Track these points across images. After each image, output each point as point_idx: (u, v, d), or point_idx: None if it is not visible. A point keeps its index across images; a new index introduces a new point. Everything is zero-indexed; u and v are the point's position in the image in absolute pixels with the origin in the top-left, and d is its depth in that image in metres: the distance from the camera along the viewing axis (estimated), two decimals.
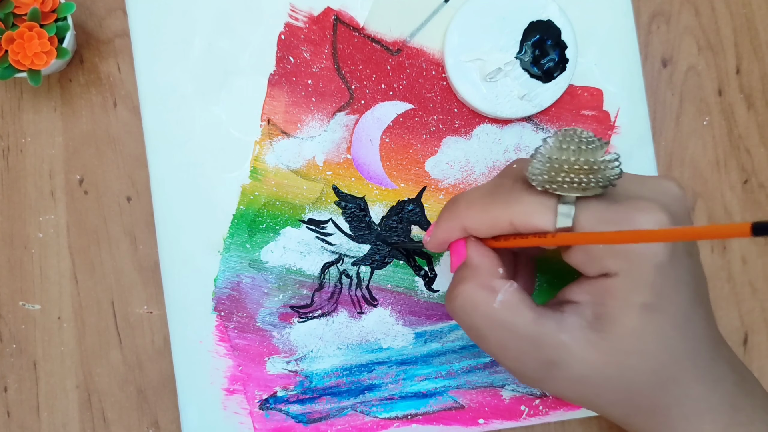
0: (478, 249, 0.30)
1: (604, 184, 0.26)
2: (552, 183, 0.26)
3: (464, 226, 0.29)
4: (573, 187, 0.26)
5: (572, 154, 0.26)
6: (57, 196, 0.39)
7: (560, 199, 0.26)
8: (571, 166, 0.26)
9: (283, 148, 0.38)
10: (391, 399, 0.38)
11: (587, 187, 0.26)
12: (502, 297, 0.28)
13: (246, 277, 0.38)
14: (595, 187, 0.26)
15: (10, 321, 0.39)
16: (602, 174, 0.26)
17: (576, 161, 0.26)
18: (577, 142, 0.26)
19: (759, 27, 0.42)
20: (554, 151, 0.26)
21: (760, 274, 0.41)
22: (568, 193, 0.26)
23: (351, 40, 0.38)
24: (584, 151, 0.26)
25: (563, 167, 0.26)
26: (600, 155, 0.26)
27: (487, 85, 0.37)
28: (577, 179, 0.26)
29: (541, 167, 0.26)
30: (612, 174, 0.26)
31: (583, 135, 0.26)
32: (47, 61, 0.35)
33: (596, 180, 0.26)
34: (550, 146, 0.26)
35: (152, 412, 0.39)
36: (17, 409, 0.39)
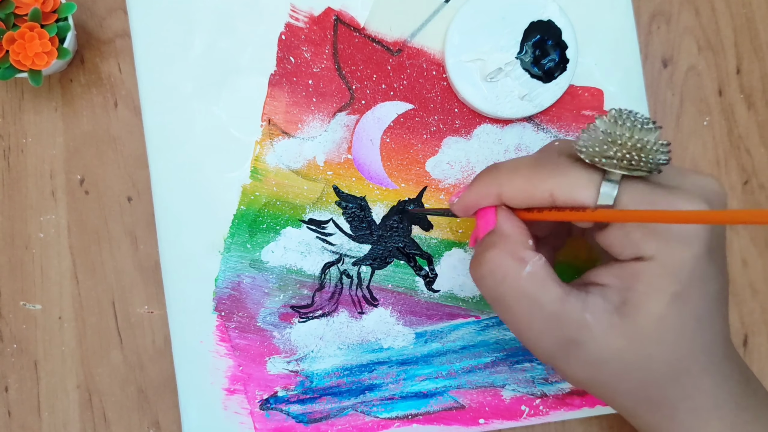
0: (510, 218, 0.29)
1: (652, 168, 0.26)
2: (602, 156, 0.26)
3: (500, 193, 0.29)
4: (621, 165, 0.26)
5: (626, 131, 0.26)
6: (58, 196, 0.39)
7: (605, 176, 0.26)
8: (623, 142, 0.26)
9: (283, 148, 0.38)
10: (392, 399, 0.38)
11: (635, 167, 0.26)
12: (530, 268, 0.27)
13: (247, 277, 0.38)
14: (643, 168, 0.26)
15: (10, 321, 0.39)
16: (652, 156, 0.26)
17: (630, 138, 0.26)
18: (633, 121, 0.26)
19: (759, 27, 0.42)
20: (608, 125, 0.26)
21: (760, 275, 0.41)
22: (615, 170, 0.26)
23: (352, 41, 0.38)
24: (639, 129, 0.26)
25: (616, 141, 0.26)
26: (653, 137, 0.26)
27: (487, 86, 0.37)
28: (628, 155, 0.25)
29: (591, 138, 0.26)
30: (661, 158, 0.26)
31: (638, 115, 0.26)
32: (48, 62, 0.35)
33: (646, 160, 0.26)
34: (603, 121, 0.26)
35: (153, 412, 0.39)
36: (18, 409, 0.39)
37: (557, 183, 0.27)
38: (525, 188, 0.28)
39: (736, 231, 0.42)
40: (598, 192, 0.26)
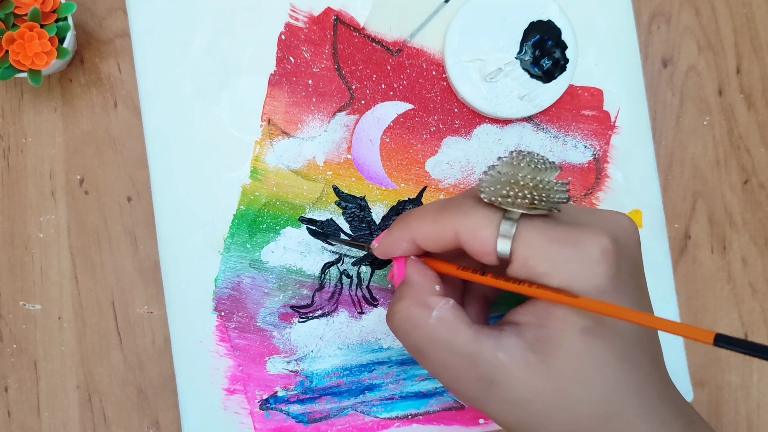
0: (416, 266, 0.30)
1: (549, 206, 0.27)
2: (498, 196, 0.27)
3: (413, 237, 0.30)
4: (517, 203, 0.26)
5: (522, 170, 0.27)
6: (57, 196, 0.39)
7: (505, 215, 0.27)
8: (518, 182, 0.27)
9: (283, 148, 0.38)
10: (392, 399, 0.38)
11: (532, 206, 0.26)
12: (437, 313, 0.28)
13: (246, 277, 0.38)
14: (541, 206, 0.26)
15: (10, 321, 0.39)
16: (549, 195, 0.26)
17: (524, 177, 0.27)
18: (529, 161, 0.27)
19: (759, 27, 0.42)
20: (506, 166, 0.27)
21: (760, 274, 0.42)
22: (513, 209, 0.27)
23: (351, 41, 0.38)
24: (534, 169, 0.27)
25: (511, 181, 0.27)
26: (549, 176, 0.27)
27: (487, 86, 0.37)
28: (522, 194, 0.26)
29: (490, 180, 0.27)
30: (558, 197, 0.27)
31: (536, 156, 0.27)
32: (48, 62, 0.35)
33: (541, 199, 0.26)
34: (502, 162, 0.27)
35: (153, 412, 0.39)
36: (18, 409, 0.39)
37: (460, 222, 0.28)
38: (432, 229, 0.29)
39: (736, 230, 0.42)
40: (498, 230, 0.27)
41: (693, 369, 0.41)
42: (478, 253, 0.27)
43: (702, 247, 0.41)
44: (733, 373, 0.41)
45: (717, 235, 0.42)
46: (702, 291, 0.41)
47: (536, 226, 0.27)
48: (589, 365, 0.26)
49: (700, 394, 0.41)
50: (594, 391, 0.26)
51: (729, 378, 0.41)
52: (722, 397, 0.41)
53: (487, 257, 0.27)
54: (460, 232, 0.28)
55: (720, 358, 0.41)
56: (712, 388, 0.41)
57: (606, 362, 0.26)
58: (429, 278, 0.30)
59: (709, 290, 0.41)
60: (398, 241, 0.31)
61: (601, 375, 0.26)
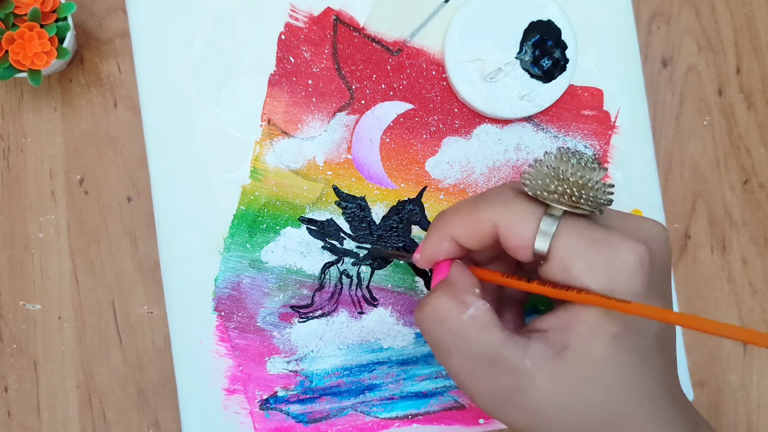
0: (459, 269, 0.30)
1: (593, 206, 0.26)
2: (544, 190, 0.26)
3: (451, 235, 0.29)
4: (563, 200, 0.26)
5: (571, 167, 0.26)
6: (57, 196, 0.39)
7: (547, 210, 0.26)
8: (566, 178, 0.26)
9: (283, 148, 0.38)
10: (392, 399, 0.38)
11: (576, 204, 0.26)
12: (473, 311, 0.28)
13: (246, 277, 0.38)
14: (585, 205, 0.26)
15: (10, 321, 0.39)
16: (594, 194, 0.26)
17: (573, 174, 0.26)
18: (578, 158, 0.26)
19: (759, 27, 0.42)
20: (554, 160, 0.27)
21: (760, 274, 0.42)
22: (557, 205, 0.26)
23: (351, 40, 0.38)
24: (583, 167, 0.26)
25: (560, 177, 0.26)
26: (596, 176, 0.26)
27: (487, 85, 0.37)
28: (570, 191, 0.26)
29: (535, 173, 0.27)
30: (604, 198, 0.26)
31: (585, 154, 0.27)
32: (47, 61, 0.35)
33: (587, 198, 0.26)
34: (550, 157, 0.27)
35: (153, 412, 0.39)
36: (18, 409, 0.39)
37: (499, 214, 0.27)
38: (470, 223, 0.28)
39: (736, 229, 0.42)
40: (538, 225, 0.26)
41: (693, 369, 0.41)
42: (514, 248, 0.27)
43: (702, 247, 0.41)
44: (733, 373, 0.41)
45: (717, 235, 0.42)
46: (702, 291, 0.41)
47: (577, 226, 0.26)
48: (613, 370, 0.26)
49: (700, 394, 0.41)
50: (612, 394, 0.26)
51: (729, 378, 0.41)
52: (722, 397, 0.41)
53: (523, 252, 0.27)
54: (499, 224, 0.27)
55: (720, 357, 0.41)
56: (712, 388, 0.41)
57: (626, 367, 0.26)
58: (470, 280, 0.29)
59: (709, 290, 0.41)
60: (438, 243, 0.30)
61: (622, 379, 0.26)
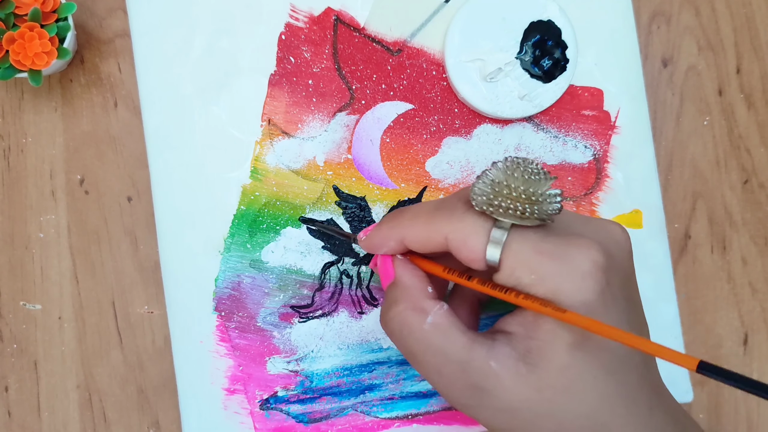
0: (406, 267, 0.30)
1: (541, 217, 0.26)
2: (490, 206, 0.26)
3: (402, 237, 0.29)
4: (509, 213, 0.26)
5: (515, 181, 0.26)
6: (58, 196, 0.39)
7: (495, 223, 0.27)
8: (511, 192, 0.26)
9: (283, 148, 0.38)
10: (392, 399, 0.38)
11: (524, 216, 0.26)
12: (432, 319, 0.28)
13: (247, 277, 0.38)
14: (531, 217, 0.26)
15: (10, 321, 0.39)
16: (540, 206, 0.26)
17: (516, 188, 0.26)
18: (522, 171, 0.27)
19: (759, 27, 0.42)
20: (499, 174, 0.27)
21: (760, 274, 0.42)
22: (504, 219, 0.26)
23: (351, 41, 0.38)
24: (527, 180, 0.26)
25: (503, 192, 0.26)
26: (542, 188, 0.26)
27: (487, 86, 0.37)
28: (513, 206, 0.26)
29: (483, 188, 0.27)
30: (550, 208, 0.26)
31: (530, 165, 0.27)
32: (48, 62, 0.35)
33: (533, 210, 0.26)
34: (496, 170, 0.27)
35: (153, 412, 0.39)
36: (18, 409, 0.39)
37: (451, 228, 0.27)
38: (423, 232, 0.28)
39: (736, 229, 0.42)
40: (488, 238, 0.26)
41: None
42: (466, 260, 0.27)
43: (702, 247, 0.41)
44: None
45: (717, 235, 0.42)
46: (702, 291, 0.41)
47: (526, 237, 0.26)
48: (577, 378, 0.26)
49: (700, 394, 0.41)
50: (582, 403, 0.26)
51: None
52: (722, 397, 0.41)
53: (476, 264, 0.27)
54: (451, 238, 0.27)
55: (720, 357, 0.41)
56: (712, 388, 0.41)
57: (593, 375, 0.26)
58: (420, 280, 0.30)
59: (709, 290, 0.41)
60: (387, 239, 0.30)
61: (588, 388, 0.26)
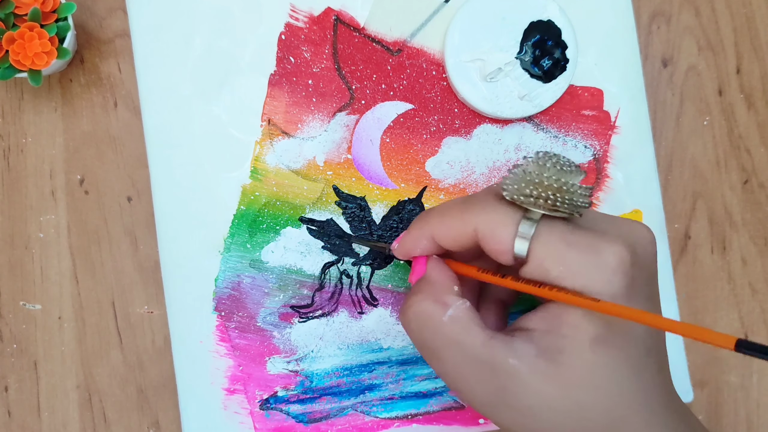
0: (437, 265, 0.30)
1: (571, 209, 0.26)
2: (521, 194, 0.26)
3: (432, 234, 0.29)
4: (540, 203, 0.26)
5: (547, 171, 0.26)
6: (58, 196, 0.39)
7: (525, 214, 0.27)
8: (542, 182, 0.26)
9: (283, 148, 0.38)
10: (392, 399, 0.38)
11: (554, 207, 0.26)
12: (452, 312, 0.28)
13: (246, 277, 0.38)
14: (563, 209, 0.26)
15: (10, 321, 0.39)
16: (571, 198, 0.26)
17: (548, 178, 0.26)
18: (554, 162, 0.27)
19: (759, 27, 0.42)
20: (531, 165, 0.27)
21: (760, 275, 0.42)
22: (534, 209, 0.26)
23: (351, 41, 0.38)
24: (559, 171, 0.26)
25: (535, 181, 0.26)
26: (574, 179, 0.26)
27: (487, 85, 0.37)
28: (545, 195, 0.26)
29: (514, 178, 0.27)
30: (581, 201, 0.26)
31: (562, 158, 0.27)
32: (48, 62, 0.35)
33: (563, 201, 0.26)
34: (528, 160, 0.27)
35: (153, 412, 0.39)
36: (18, 409, 0.39)
37: (480, 220, 0.27)
38: (452, 226, 0.29)
39: (736, 229, 0.42)
40: (516, 229, 0.26)
41: (693, 369, 0.41)
42: (494, 252, 0.27)
43: (702, 247, 0.41)
44: (733, 373, 0.41)
45: (717, 235, 0.42)
46: (702, 291, 0.41)
47: (555, 229, 0.26)
48: (599, 373, 0.26)
49: (700, 394, 0.41)
50: (603, 398, 0.26)
51: (729, 378, 0.41)
52: (722, 397, 0.41)
53: (504, 256, 0.27)
54: (479, 229, 0.27)
55: (720, 358, 0.41)
56: (712, 388, 0.41)
57: (615, 370, 0.26)
58: (448, 277, 0.30)
59: (709, 290, 0.41)
60: (418, 239, 0.30)
61: (610, 383, 0.26)
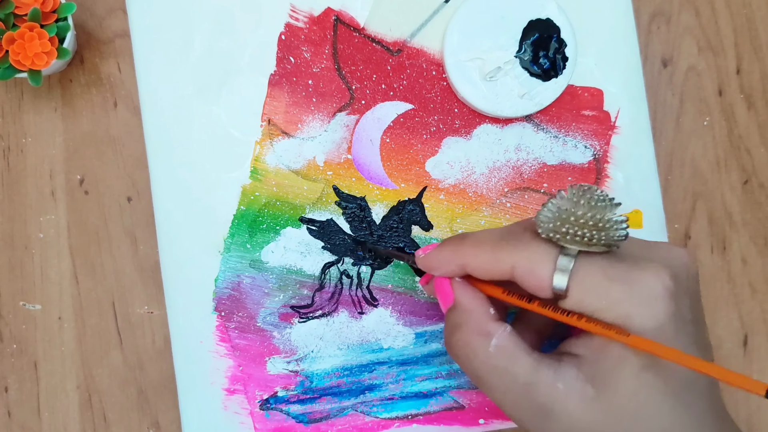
0: (466, 290, 0.30)
1: (608, 243, 0.26)
2: (557, 233, 0.26)
3: (464, 264, 0.29)
4: (576, 240, 0.26)
5: (581, 208, 0.26)
6: (57, 197, 0.39)
7: (562, 251, 0.27)
8: (578, 219, 0.26)
9: (283, 149, 0.38)
10: (392, 399, 0.38)
11: (591, 243, 0.26)
12: (496, 342, 0.28)
13: (246, 278, 0.38)
14: (598, 244, 0.26)
15: (10, 321, 0.39)
16: (608, 232, 0.26)
17: (584, 215, 0.26)
18: (589, 198, 0.27)
19: (759, 27, 0.42)
20: (565, 202, 0.27)
21: (760, 274, 0.41)
22: (571, 245, 0.26)
23: (351, 41, 0.38)
24: (593, 207, 0.26)
25: (570, 219, 0.26)
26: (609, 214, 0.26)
27: (487, 85, 0.37)
28: (581, 232, 0.26)
29: (549, 215, 0.27)
30: (617, 235, 0.26)
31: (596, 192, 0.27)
32: (48, 62, 0.35)
33: (600, 237, 0.26)
34: (560, 198, 0.27)
35: (153, 412, 0.39)
36: (18, 410, 0.39)
37: (518, 258, 0.27)
38: (488, 261, 0.28)
39: (736, 229, 0.42)
40: (555, 265, 0.26)
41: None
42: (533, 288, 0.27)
43: (702, 247, 0.41)
44: None
45: (717, 235, 0.42)
46: (702, 291, 0.41)
47: (594, 263, 0.26)
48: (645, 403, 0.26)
49: None
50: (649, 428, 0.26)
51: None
52: (722, 398, 0.41)
53: (543, 292, 0.27)
54: (517, 266, 0.27)
55: (720, 358, 0.41)
56: None
57: (662, 400, 0.26)
58: (482, 303, 0.30)
59: (709, 290, 0.41)
60: (448, 263, 0.30)
61: (656, 412, 0.26)
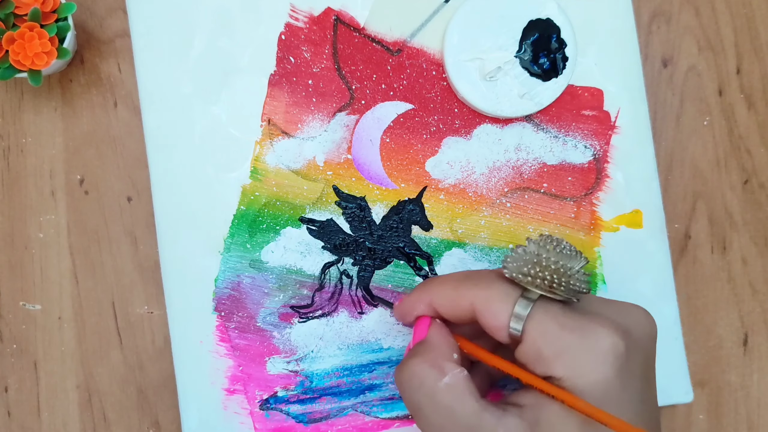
0: (439, 330, 0.31)
1: (568, 293, 0.27)
2: (521, 273, 0.27)
3: (431, 301, 0.30)
4: (537, 284, 0.27)
5: (549, 253, 0.27)
6: (57, 196, 0.39)
7: (523, 293, 0.27)
8: (543, 263, 0.27)
9: (283, 149, 0.38)
10: (392, 399, 0.38)
11: (552, 289, 0.27)
12: (449, 380, 0.28)
13: (246, 277, 0.38)
14: (559, 291, 0.27)
15: (10, 321, 0.39)
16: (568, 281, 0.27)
17: (547, 259, 0.27)
18: (555, 245, 0.28)
19: (759, 27, 0.42)
20: (533, 246, 0.28)
21: (760, 274, 0.41)
22: (533, 288, 0.27)
23: (351, 41, 0.38)
24: (561, 254, 0.27)
25: (535, 260, 0.27)
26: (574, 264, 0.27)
27: (487, 84, 0.37)
28: (543, 275, 0.27)
29: (515, 257, 0.28)
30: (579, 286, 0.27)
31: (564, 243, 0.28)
32: (48, 62, 0.35)
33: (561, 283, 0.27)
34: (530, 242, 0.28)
35: (153, 412, 0.39)
36: (18, 410, 0.39)
37: (478, 294, 0.28)
38: (450, 297, 0.29)
39: (736, 229, 0.42)
40: (513, 307, 0.27)
41: (693, 369, 0.41)
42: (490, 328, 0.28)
43: (702, 247, 0.41)
44: (733, 373, 0.41)
45: (717, 235, 0.42)
46: (702, 291, 0.41)
47: (551, 311, 0.27)
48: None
49: (700, 394, 0.41)
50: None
51: (729, 378, 0.41)
52: (722, 397, 0.41)
53: (499, 333, 0.27)
54: (476, 302, 0.28)
55: (720, 357, 0.41)
56: (712, 388, 0.41)
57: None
58: (449, 344, 0.30)
59: (709, 290, 0.41)
60: (417, 303, 0.31)
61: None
